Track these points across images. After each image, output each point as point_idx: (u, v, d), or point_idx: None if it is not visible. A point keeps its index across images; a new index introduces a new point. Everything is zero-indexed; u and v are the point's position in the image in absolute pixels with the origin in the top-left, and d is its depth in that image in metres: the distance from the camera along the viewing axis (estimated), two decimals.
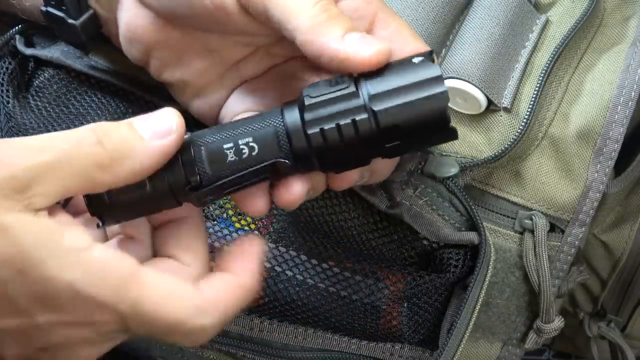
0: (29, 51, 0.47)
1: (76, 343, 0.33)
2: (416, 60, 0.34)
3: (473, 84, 0.44)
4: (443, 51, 0.46)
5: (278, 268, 0.45)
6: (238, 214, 0.45)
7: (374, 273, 0.46)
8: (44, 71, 0.48)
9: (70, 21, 0.42)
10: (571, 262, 0.47)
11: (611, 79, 0.46)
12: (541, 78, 0.46)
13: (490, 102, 0.45)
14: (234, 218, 0.45)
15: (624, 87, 0.45)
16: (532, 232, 0.45)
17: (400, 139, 0.34)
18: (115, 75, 0.46)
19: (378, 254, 0.46)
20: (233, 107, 0.41)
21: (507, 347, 0.49)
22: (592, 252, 0.54)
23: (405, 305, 0.46)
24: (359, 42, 0.34)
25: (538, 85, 0.45)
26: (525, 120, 0.45)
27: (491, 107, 0.45)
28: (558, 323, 0.47)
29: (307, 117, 0.34)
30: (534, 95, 0.45)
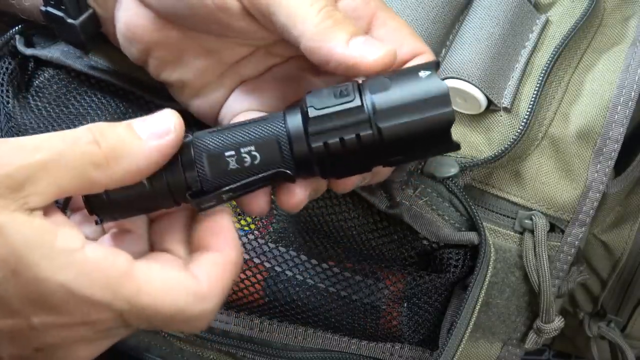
0: (29, 51, 0.47)
1: (73, 343, 0.33)
2: (423, 74, 0.34)
3: (473, 84, 0.44)
4: (443, 51, 0.46)
5: (278, 268, 0.45)
6: (238, 214, 0.45)
7: (374, 273, 0.46)
8: (44, 71, 0.48)
9: (69, 21, 0.42)
10: (571, 262, 0.47)
11: (611, 79, 0.46)
12: (541, 78, 0.46)
13: (490, 102, 0.45)
14: (234, 218, 0.45)
15: (624, 87, 0.45)
16: (532, 232, 0.45)
17: (403, 153, 0.34)
18: (115, 75, 0.46)
19: (378, 254, 0.46)
20: (233, 107, 0.41)
21: (507, 347, 0.49)
22: (592, 252, 0.54)
23: (405, 305, 0.46)
24: (365, 47, 0.34)
25: (538, 85, 0.45)
26: (525, 120, 0.45)
27: (491, 107, 0.45)
28: (558, 323, 0.47)
29: (311, 130, 0.34)
30: (534, 95, 0.45)
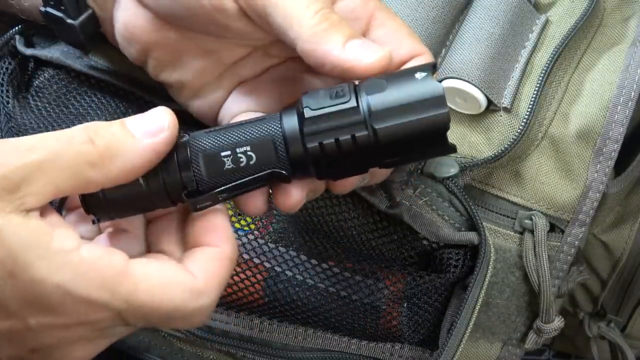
0: (29, 51, 0.47)
1: (70, 343, 0.33)
2: (419, 75, 0.34)
3: (473, 84, 0.44)
4: (443, 51, 0.46)
5: (278, 268, 0.45)
6: (238, 214, 0.45)
7: (374, 273, 0.46)
8: (44, 71, 0.48)
9: (69, 21, 0.42)
10: (571, 262, 0.47)
11: (611, 79, 0.46)
12: (541, 78, 0.46)
13: (490, 102, 0.45)
14: (234, 218, 0.45)
15: (624, 87, 0.45)
16: (532, 232, 0.45)
17: (398, 155, 0.34)
18: (115, 75, 0.46)
19: (378, 254, 0.46)
20: (232, 108, 0.41)
21: (507, 347, 0.49)
22: (592, 252, 0.54)
23: (405, 305, 0.46)
24: (361, 49, 0.34)
25: (538, 85, 0.45)
26: (525, 120, 0.45)
27: (491, 107, 0.45)
28: (558, 323, 0.47)
29: (307, 131, 0.34)
30: (534, 95, 0.45)
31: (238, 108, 0.41)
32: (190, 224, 0.36)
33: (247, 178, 0.34)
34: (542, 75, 0.46)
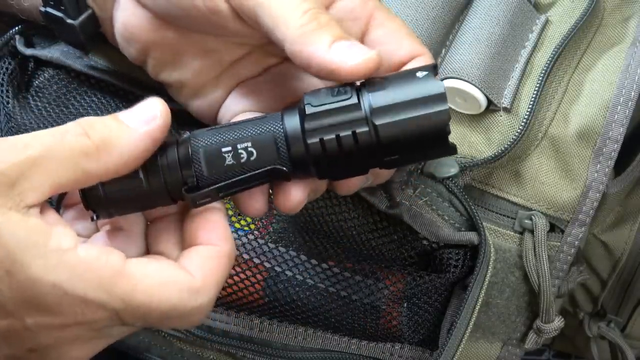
0: (29, 51, 0.47)
1: (67, 343, 0.33)
2: (420, 74, 0.34)
3: (473, 84, 0.44)
4: (443, 51, 0.46)
5: (278, 268, 0.45)
6: (238, 214, 0.45)
7: (374, 273, 0.46)
8: (44, 71, 0.48)
9: (69, 21, 0.42)
10: (571, 262, 0.47)
11: (611, 79, 0.46)
12: (541, 78, 0.46)
13: (490, 102, 0.45)
14: (234, 218, 0.45)
15: (624, 87, 0.45)
16: (532, 232, 0.45)
17: (399, 153, 0.34)
18: (115, 75, 0.46)
19: (378, 254, 0.46)
20: (232, 107, 0.41)
21: (507, 347, 0.49)
22: (592, 252, 0.54)
23: (405, 305, 0.46)
24: (347, 51, 0.34)
25: (538, 85, 0.45)
26: (525, 120, 0.45)
27: (491, 107, 0.45)
28: (558, 323, 0.47)
29: (308, 127, 0.34)
30: (534, 95, 0.45)
31: (237, 108, 0.41)
32: (187, 223, 0.36)
33: (248, 174, 0.34)
34: (542, 75, 0.46)
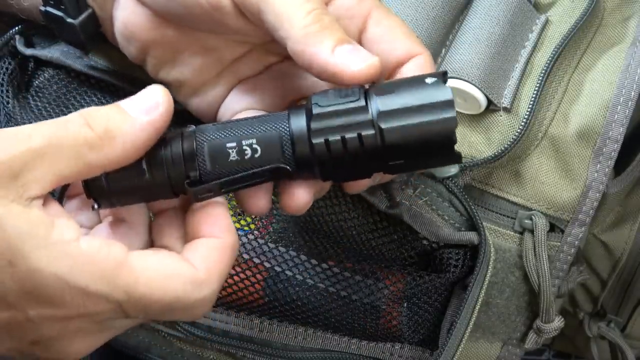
0: (29, 51, 0.47)
1: (70, 335, 0.33)
2: (429, 80, 0.34)
3: (473, 84, 0.44)
4: (443, 51, 0.46)
5: (278, 268, 0.45)
6: (238, 214, 0.45)
7: (374, 273, 0.46)
8: (44, 71, 0.48)
9: (69, 20, 0.42)
10: (571, 262, 0.47)
11: (611, 79, 0.46)
12: (541, 78, 0.46)
13: (490, 102, 0.45)
14: (234, 218, 0.45)
15: (624, 87, 0.45)
16: (532, 232, 0.45)
17: (404, 158, 0.34)
18: (115, 75, 0.46)
19: (378, 254, 0.46)
20: (232, 106, 0.41)
21: (507, 347, 0.49)
22: (592, 252, 0.54)
23: (405, 305, 0.46)
24: (350, 55, 0.34)
25: (538, 85, 0.45)
26: (525, 120, 0.45)
27: (491, 107, 0.45)
28: (558, 323, 0.47)
29: (314, 127, 0.34)
30: (534, 95, 0.45)
31: (237, 106, 0.40)
32: (190, 216, 0.36)
33: (251, 171, 0.34)
34: (542, 75, 0.46)
